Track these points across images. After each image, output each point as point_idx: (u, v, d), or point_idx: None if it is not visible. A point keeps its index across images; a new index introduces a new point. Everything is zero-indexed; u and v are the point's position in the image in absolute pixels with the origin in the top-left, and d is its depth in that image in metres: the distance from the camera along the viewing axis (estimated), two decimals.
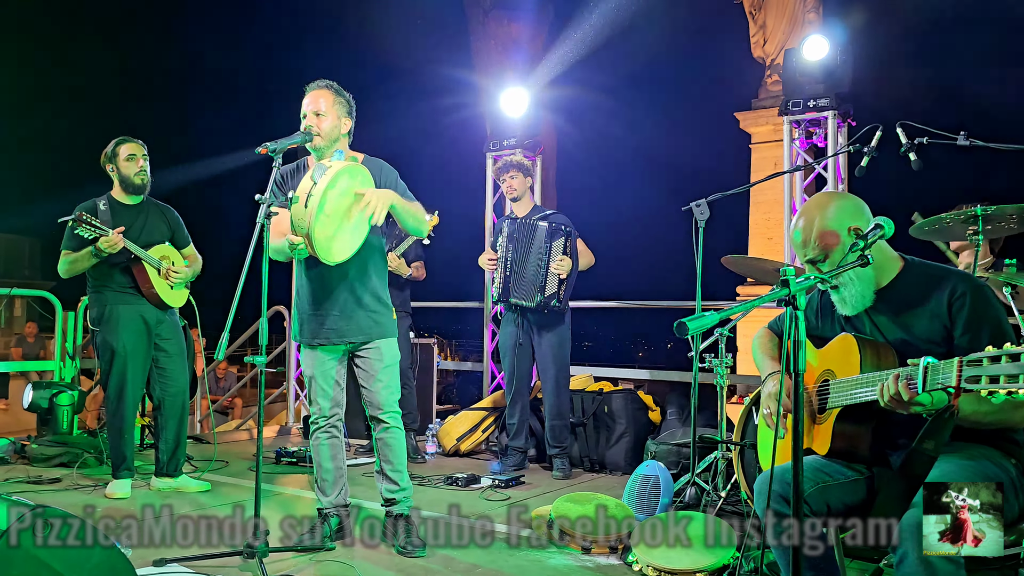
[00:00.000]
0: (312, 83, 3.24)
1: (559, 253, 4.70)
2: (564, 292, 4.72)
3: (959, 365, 1.77)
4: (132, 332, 4.21)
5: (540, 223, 4.75)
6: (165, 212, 4.43)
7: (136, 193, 4.30)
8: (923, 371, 1.85)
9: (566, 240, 4.72)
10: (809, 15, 8.96)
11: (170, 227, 4.41)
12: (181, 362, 4.38)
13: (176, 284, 4.31)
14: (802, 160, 5.28)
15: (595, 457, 5.14)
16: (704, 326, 1.66)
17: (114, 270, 4.17)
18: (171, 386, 4.33)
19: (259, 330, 2.96)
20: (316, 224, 2.85)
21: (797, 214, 2.29)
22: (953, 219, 3.38)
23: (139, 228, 4.26)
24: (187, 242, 4.47)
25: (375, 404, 3.29)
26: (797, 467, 1.70)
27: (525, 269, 4.76)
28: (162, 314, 4.31)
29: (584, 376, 5.80)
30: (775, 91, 8.95)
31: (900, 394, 1.90)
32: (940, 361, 1.83)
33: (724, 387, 4.10)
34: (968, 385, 1.73)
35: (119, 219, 4.21)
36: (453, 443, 5.54)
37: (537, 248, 4.72)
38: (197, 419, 7.32)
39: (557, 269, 4.68)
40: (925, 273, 2.21)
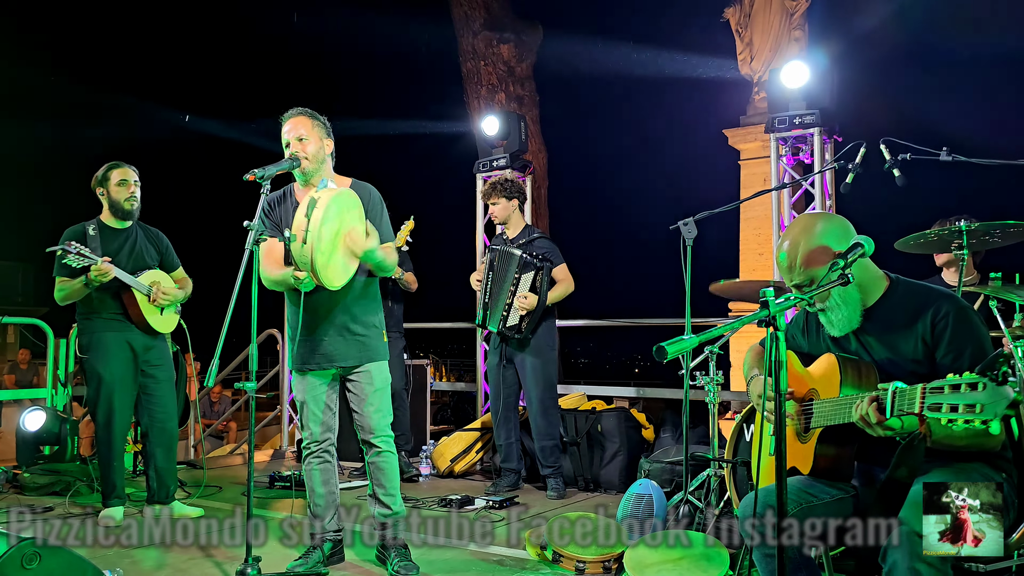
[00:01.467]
0: (287, 112, 3.29)
1: (526, 288, 4.71)
2: (527, 325, 4.73)
3: (922, 392, 1.80)
4: (119, 360, 4.19)
5: (514, 251, 4.76)
6: (154, 236, 4.43)
7: (125, 218, 4.31)
8: (891, 395, 1.88)
9: (536, 274, 4.72)
10: (795, 33, 9.04)
11: (159, 251, 4.40)
12: (169, 389, 4.35)
13: (167, 307, 4.29)
14: (789, 177, 5.32)
15: (589, 476, 5.13)
16: (684, 349, 1.68)
17: (104, 296, 4.17)
18: (158, 413, 4.30)
19: (249, 356, 2.98)
20: (317, 257, 2.90)
21: (782, 236, 2.31)
22: (938, 235, 3.41)
23: (128, 253, 4.26)
24: (176, 265, 4.47)
25: (367, 428, 3.29)
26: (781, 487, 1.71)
27: (497, 296, 4.80)
28: (151, 340, 4.29)
29: (577, 395, 5.81)
30: (762, 108, 9.01)
31: (869, 416, 1.93)
32: (907, 387, 1.85)
33: (716, 404, 4.12)
34: (930, 413, 1.75)
35: (108, 244, 4.21)
36: (447, 464, 5.53)
37: (509, 277, 4.75)
38: (191, 444, 7.30)
39: (520, 306, 4.70)
40: (910, 292, 2.23)
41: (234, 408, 9.47)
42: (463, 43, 10.67)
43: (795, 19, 9.13)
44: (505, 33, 10.55)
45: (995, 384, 1.69)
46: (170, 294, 4.29)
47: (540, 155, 10.32)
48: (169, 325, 4.36)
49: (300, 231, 2.89)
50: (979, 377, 1.71)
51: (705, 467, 4.07)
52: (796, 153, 5.37)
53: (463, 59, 10.71)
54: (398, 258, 3.37)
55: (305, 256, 2.89)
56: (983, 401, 1.68)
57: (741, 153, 9.49)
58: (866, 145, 3.67)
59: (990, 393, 1.68)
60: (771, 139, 5.27)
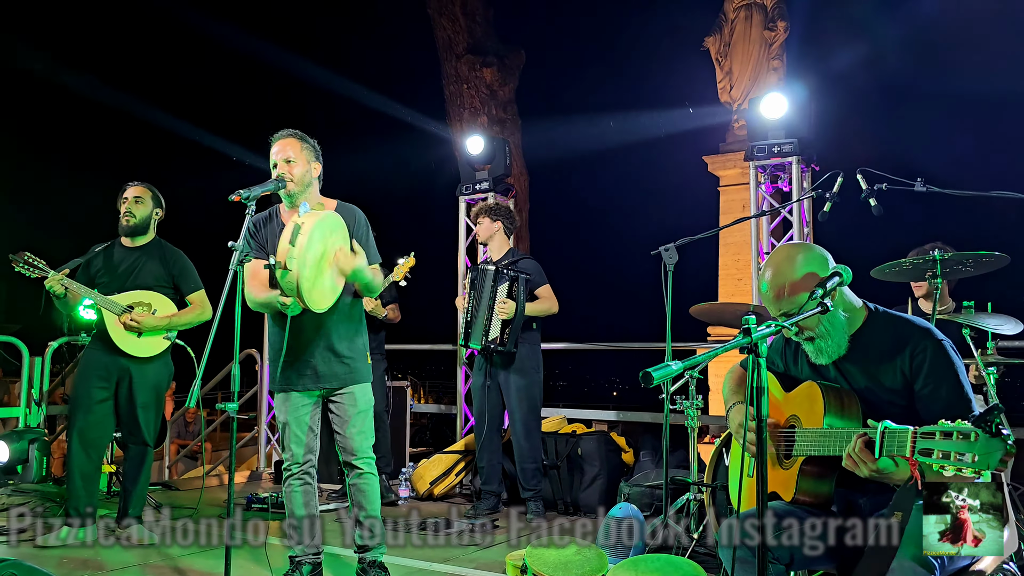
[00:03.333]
0: (277, 133, 3.30)
1: (503, 296, 4.75)
2: (508, 336, 4.75)
3: (913, 436, 1.81)
4: (89, 379, 4.14)
5: (488, 267, 4.82)
6: (166, 256, 4.26)
7: (129, 235, 4.23)
8: (880, 436, 1.90)
9: (511, 284, 4.76)
10: (773, 63, 9.21)
11: (169, 272, 4.24)
12: (145, 415, 4.19)
13: (146, 332, 4.12)
14: (768, 204, 5.41)
15: (569, 499, 5.14)
16: (668, 375, 1.70)
17: (98, 313, 4.13)
18: (126, 435, 4.23)
19: (231, 376, 2.96)
20: (303, 283, 2.91)
21: (764, 265, 2.34)
22: (913, 263, 3.49)
23: (127, 272, 4.18)
24: (191, 289, 4.27)
25: (349, 450, 3.28)
26: (762, 511, 1.73)
27: (478, 313, 4.82)
28: (126, 362, 4.14)
29: (557, 418, 5.82)
30: (742, 135, 9.14)
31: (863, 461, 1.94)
32: (897, 428, 1.87)
33: (695, 428, 4.15)
34: (921, 458, 1.76)
35: (109, 262, 4.19)
36: (427, 487, 5.51)
37: (487, 293, 4.78)
38: (166, 464, 7.22)
39: (500, 312, 4.73)
40: (889, 323, 2.27)
41: (210, 429, 9.38)
42: (446, 66, 10.75)
43: (773, 49, 9.30)
44: (488, 57, 10.64)
45: (988, 435, 1.69)
46: (140, 320, 4.07)
47: (522, 178, 10.40)
48: (146, 349, 4.15)
49: (283, 257, 2.90)
50: (971, 427, 1.71)
51: (685, 491, 4.10)
52: (775, 181, 5.46)
53: (446, 82, 10.79)
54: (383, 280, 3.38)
55: (291, 282, 2.90)
56: (976, 452, 1.69)
57: (720, 179, 9.61)
58: (843, 175, 3.75)
59: (983, 444, 1.69)
60: (750, 167, 5.36)
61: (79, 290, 4.06)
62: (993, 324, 3.46)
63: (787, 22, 9.38)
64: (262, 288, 3.16)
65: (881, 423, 1.91)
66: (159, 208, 4.34)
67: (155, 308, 4.18)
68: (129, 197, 4.23)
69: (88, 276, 4.21)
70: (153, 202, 4.29)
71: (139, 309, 4.14)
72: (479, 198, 6.26)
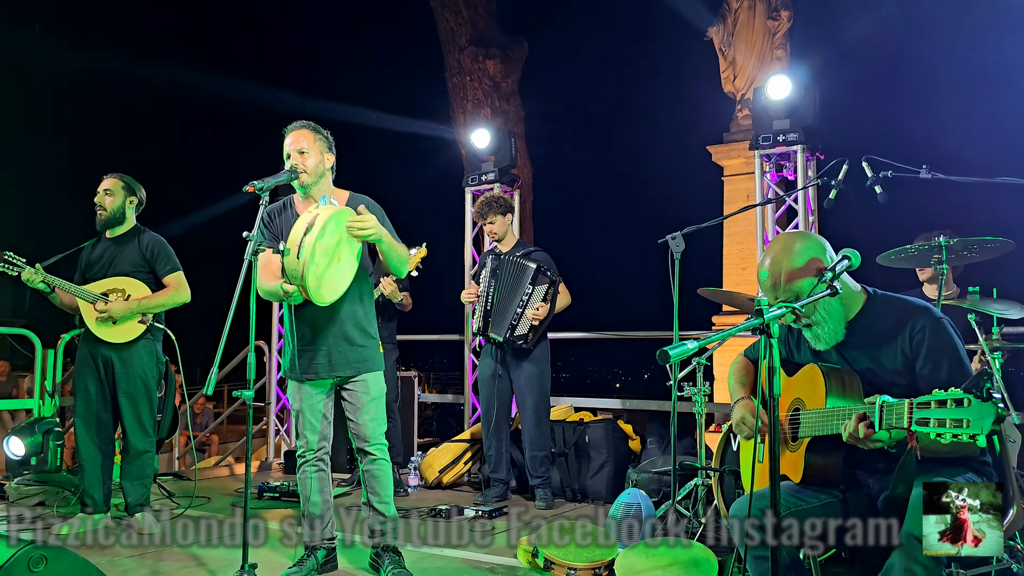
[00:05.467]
0: (291, 124, 3.34)
1: (539, 299, 4.76)
2: (534, 336, 4.79)
3: (909, 407, 1.88)
4: (85, 370, 4.21)
5: (528, 264, 4.80)
6: (142, 241, 4.27)
7: (106, 228, 4.30)
8: (879, 410, 1.96)
9: (549, 287, 4.78)
10: (777, 52, 9.23)
11: (145, 258, 4.25)
12: (130, 403, 4.20)
13: (120, 318, 4.12)
14: (773, 193, 5.43)
15: (577, 487, 5.19)
16: (685, 354, 1.75)
17: (87, 306, 4.18)
18: (123, 426, 4.27)
19: (247, 364, 3.01)
20: (309, 273, 2.94)
21: (762, 255, 2.38)
22: (919, 249, 3.52)
23: (108, 262, 4.24)
24: (167, 271, 4.24)
25: (362, 436, 3.33)
26: (775, 489, 1.78)
27: (505, 305, 4.83)
28: (109, 351, 4.16)
29: (564, 407, 5.87)
30: (746, 125, 9.17)
31: (858, 432, 2.01)
32: (894, 401, 1.94)
33: (703, 415, 4.19)
34: (918, 427, 1.83)
35: (94, 255, 4.27)
36: (435, 475, 5.57)
37: (521, 288, 4.78)
38: (175, 456, 7.27)
39: (533, 316, 4.74)
40: (887, 305, 2.32)
41: (217, 421, 9.44)
42: (449, 58, 10.76)
43: (777, 39, 9.32)
44: (491, 48, 10.65)
45: (980, 400, 1.77)
46: (112, 306, 4.09)
47: (526, 169, 10.41)
48: (122, 335, 4.16)
49: (295, 245, 2.94)
50: (964, 394, 1.79)
51: (692, 476, 4.14)
52: (780, 170, 5.48)
53: (449, 74, 10.80)
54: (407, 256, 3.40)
55: (297, 270, 2.94)
56: (970, 416, 1.77)
57: (724, 169, 9.64)
58: (848, 162, 3.77)
59: (976, 409, 1.77)
60: (755, 156, 5.38)
61: (56, 283, 4.13)
62: (998, 309, 3.50)
63: (790, 11, 9.39)
64: (273, 277, 3.20)
65: (879, 397, 1.97)
66: (133, 196, 4.35)
67: (129, 294, 4.18)
68: (100, 191, 4.28)
69: (81, 272, 4.31)
70: (125, 191, 4.31)
71: (113, 296, 4.16)
72: (485, 189, 6.28)
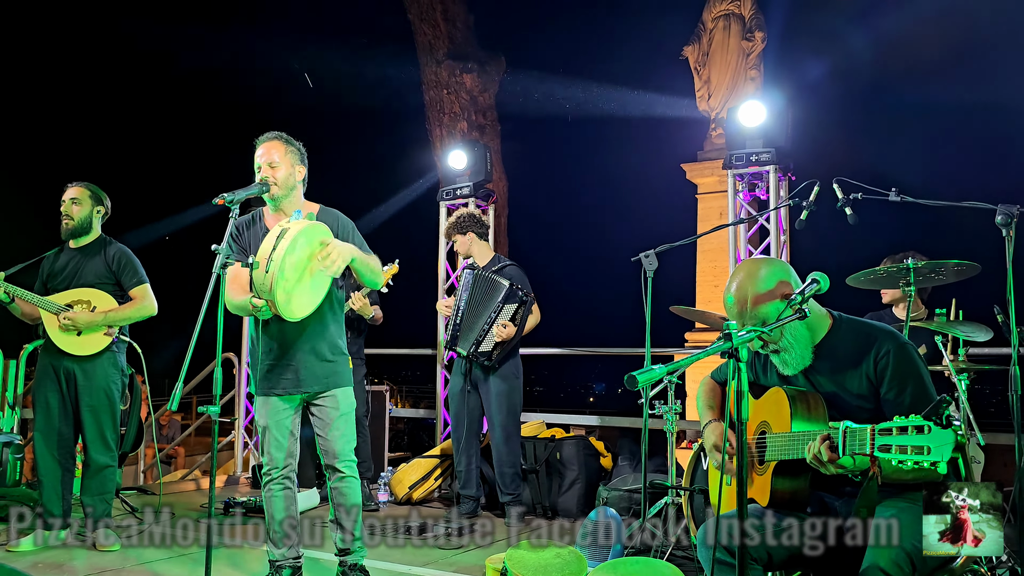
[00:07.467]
0: (263, 135, 3.30)
1: (507, 318, 4.74)
2: (499, 354, 4.77)
3: (872, 433, 1.89)
4: (45, 383, 4.12)
5: (501, 281, 4.78)
6: (108, 252, 4.20)
7: (71, 237, 4.21)
8: (843, 435, 1.97)
9: (518, 307, 4.77)
10: (751, 72, 9.32)
11: (111, 269, 4.17)
12: (94, 417, 4.11)
13: (85, 330, 4.05)
14: (745, 212, 5.48)
15: (548, 504, 5.16)
16: (653, 379, 1.74)
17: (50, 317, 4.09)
18: (84, 440, 4.17)
19: (213, 379, 2.96)
20: (278, 288, 2.91)
21: (728, 281, 2.39)
22: (887, 271, 3.56)
23: (72, 273, 4.15)
24: (134, 283, 4.18)
25: (331, 453, 3.28)
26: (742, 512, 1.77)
27: (473, 320, 4.81)
28: (71, 363, 4.08)
29: (536, 423, 5.85)
30: (720, 144, 9.24)
31: (821, 455, 2.01)
32: (857, 427, 1.95)
33: (674, 433, 4.19)
34: (880, 453, 1.84)
35: (58, 264, 4.18)
36: (406, 491, 5.51)
37: (491, 304, 4.76)
38: (141, 469, 7.14)
39: (499, 334, 4.72)
40: (852, 330, 2.34)
41: (185, 434, 9.31)
42: (426, 72, 10.77)
43: (751, 59, 9.42)
44: (468, 63, 10.68)
45: (940, 428, 1.79)
46: (75, 317, 4.01)
47: (501, 183, 10.42)
48: (86, 347, 4.08)
49: (264, 259, 2.90)
50: (924, 420, 1.80)
51: (663, 495, 4.14)
52: (752, 189, 5.53)
53: (426, 87, 10.80)
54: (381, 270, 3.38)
55: (265, 284, 2.90)
56: (931, 444, 1.78)
57: (698, 187, 9.70)
58: (819, 184, 3.81)
59: (936, 436, 1.78)
60: (728, 175, 5.42)
61: (17, 293, 4.04)
62: (965, 331, 3.54)
63: (764, 32, 9.50)
64: (241, 291, 3.15)
65: (843, 423, 1.98)
66: (100, 206, 4.28)
67: (95, 305, 4.11)
68: (66, 199, 4.19)
69: (42, 282, 4.21)
70: (92, 201, 4.24)
71: (78, 307, 4.08)
72: (460, 203, 6.27)
